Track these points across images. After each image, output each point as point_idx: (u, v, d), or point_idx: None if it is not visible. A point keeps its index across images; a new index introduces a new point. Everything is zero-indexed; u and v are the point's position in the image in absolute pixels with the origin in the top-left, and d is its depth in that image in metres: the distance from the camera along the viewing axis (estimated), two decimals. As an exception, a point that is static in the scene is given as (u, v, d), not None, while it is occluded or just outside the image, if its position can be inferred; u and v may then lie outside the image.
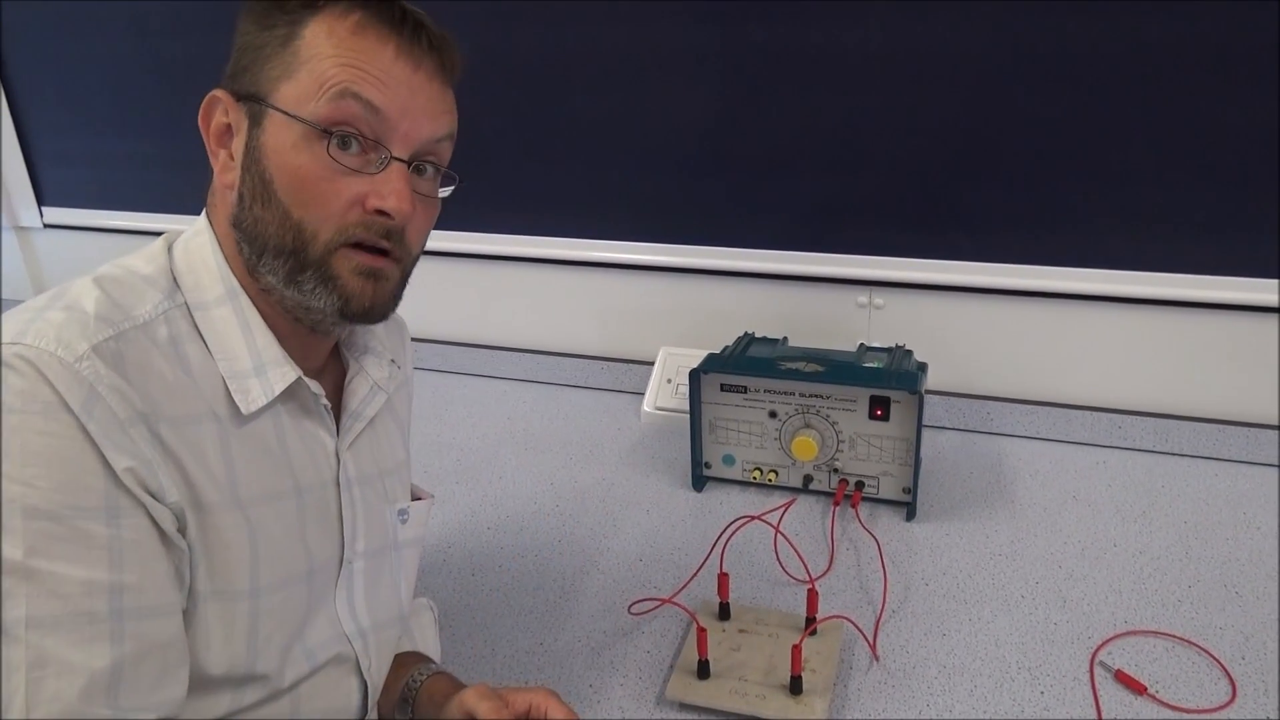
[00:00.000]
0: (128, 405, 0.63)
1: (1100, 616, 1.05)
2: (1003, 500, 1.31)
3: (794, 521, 1.27)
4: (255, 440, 0.73)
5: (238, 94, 0.72)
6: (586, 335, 1.78)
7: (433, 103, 0.73)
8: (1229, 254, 1.35)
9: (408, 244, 0.75)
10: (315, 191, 0.69)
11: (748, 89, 1.51)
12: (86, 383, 0.61)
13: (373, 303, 0.74)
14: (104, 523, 0.61)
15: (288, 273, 0.71)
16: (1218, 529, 1.22)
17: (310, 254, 0.70)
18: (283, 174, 0.69)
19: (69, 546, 0.60)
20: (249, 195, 0.71)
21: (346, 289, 0.72)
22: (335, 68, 0.69)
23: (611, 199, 1.67)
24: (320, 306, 0.72)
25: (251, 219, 0.71)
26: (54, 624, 0.59)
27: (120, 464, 0.62)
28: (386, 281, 0.74)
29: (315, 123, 0.68)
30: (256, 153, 0.70)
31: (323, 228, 0.70)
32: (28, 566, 0.59)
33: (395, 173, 0.71)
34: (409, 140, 0.72)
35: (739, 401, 1.32)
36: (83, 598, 0.60)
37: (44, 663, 0.58)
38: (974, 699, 0.94)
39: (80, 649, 0.60)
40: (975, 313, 1.51)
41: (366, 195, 0.70)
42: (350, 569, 0.81)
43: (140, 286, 0.70)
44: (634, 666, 1.01)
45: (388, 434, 0.88)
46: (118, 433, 0.62)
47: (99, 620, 0.61)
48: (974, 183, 1.44)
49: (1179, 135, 1.31)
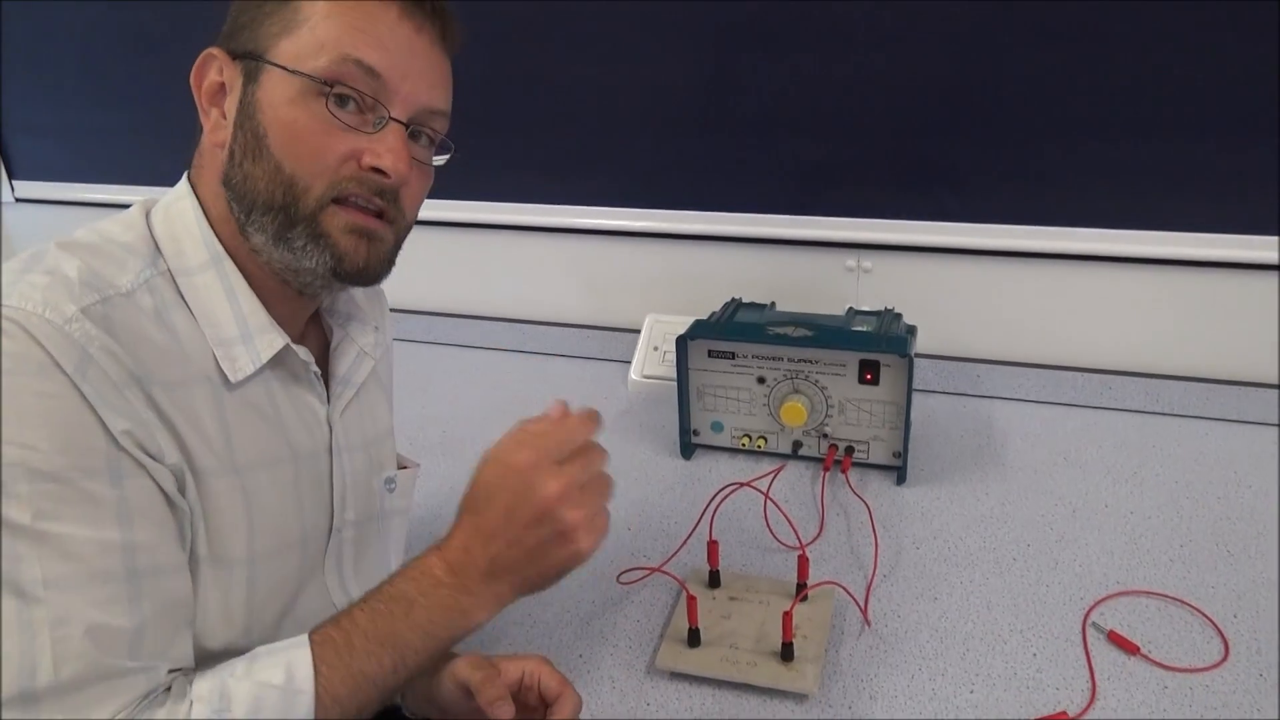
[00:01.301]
0: (121, 367, 0.62)
1: (1092, 577, 1.05)
2: (993, 463, 1.30)
3: (783, 488, 1.26)
4: (249, 406, 0.72)
5: (234, 52, 0.71)
6: (572, 303, 1.76)
7: (432, 69, 0.73)
8: (1218, 211, 1.34)
9: (402, 207, 0.74)
10: (309, 145, 0.68)
11: (734, 51, 1.48)
12: (78, 345, 0.60)
13: (366, 262, 0.72)
14: (108, 483, 0.61)
15: (277, 229, 0.69)
16: (1209, 488, 1.21)
17: (300, 209, 0.69)
18: (277, 127, 0.68)
19: (77, 508, 0.60)
20: (240, 151, 0.70)
21: (338, 247, 0.70)
22: (337, 29, 0.67)
23: (596, 164, 1.64)
24: (312, 267, 0.70)
25: (241, 175, 0.70)
26: (72, 584, 0.59)
27: (118, 426, 0.61)
28: (380, 243, 0.73)
29: (315, 77, 0.67)
30: (251, 108, 0.69)
31: (315, 182, 0.69)
32: (36, 530, 0.58)
33: (393, 133, 0.70)
34: (408, 103, 0.71)
35: (727, 368, 1.31)
36: (97, 557, 0.60)
37: (66, 621, 0.58)
38: (966, 662, 0.93)
39: (101, 608, 0.60)
40: (964, 275, 1.49)
41: (362, 152, 0.69)
42: (339, 538, 0.80)
43: (120, 254, 0.68)
44: (624, 636, 1.00)
45: (373, 402, 0.88)
46: (113, 394, 0.61)
47: (116, 579, 0.61)
48: (962, 143, 1.42)
49: (1167, 94, 1.29)
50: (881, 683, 0.91)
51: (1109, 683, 0.90)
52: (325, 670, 0.64)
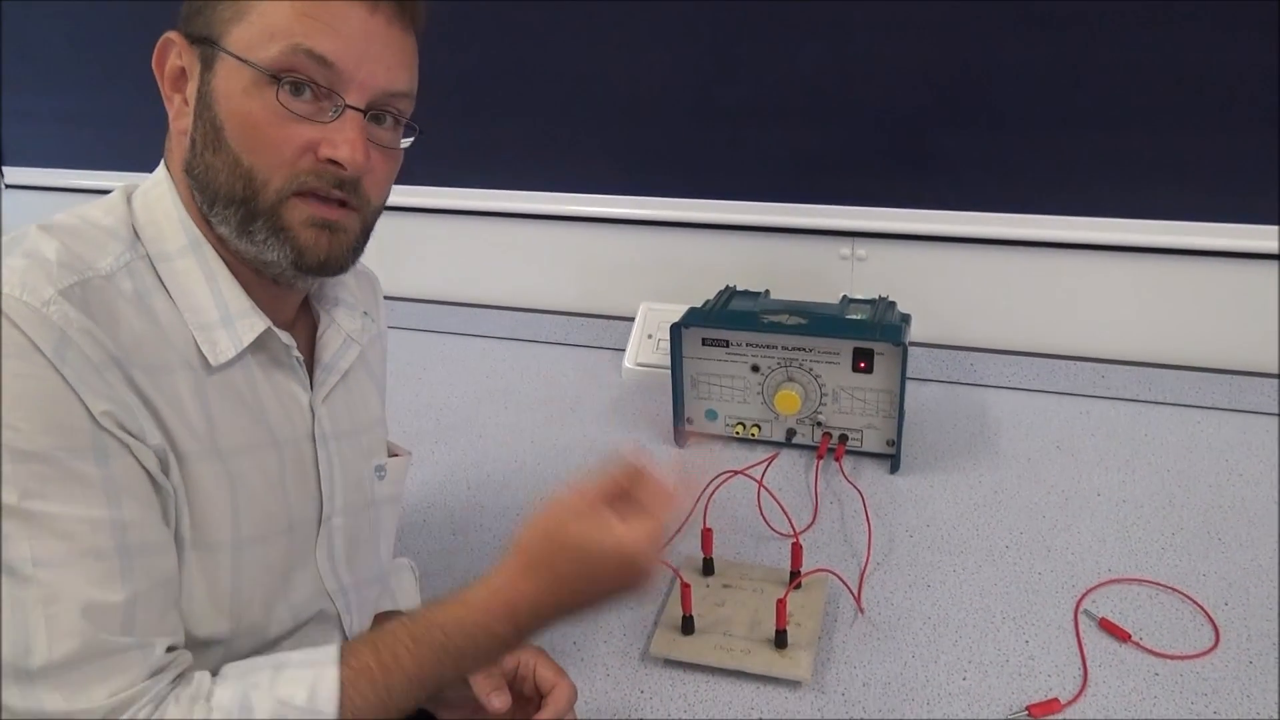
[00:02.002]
0: (100, 349, 0.62)
1: (1084, 565, 1.05)
2: (987, 451, 1.31)
3: (777, 476, 1.26)
4: (230, 391, 0.71)
5: (191, 36, 0.69)
6: (566, 291, 1.76)
7: (390, 50, 0.70)
8: (1212, 200, 1.34)
9: (364, 195, 0.72)
10: (265, 138, 0.67)
11: (728, 39, 1.47)
12: (56, 327, 0.60)
13: (328, 255, 0.71)
14: (94, 462, 0.61)
15: (239, 222, 0.69)
16: (1201, 476, 1.22)
17: (260, 203, 0.68)
18: (233, 120, 0.67)
19: (64, 486, 0.59)
20: (200, 141, 0.68)
21: (299, 241, 0.69)
22: (286, 15, 0.66)
23: (590, 151, 1.64)
24: (274, 259, 0.70)
25: (203, 166, 0.69)
26: (63, 561, 0.59)
27: (98, 407, 0.61)
28: (343, 234, 0.72)
29: (265, 68, 0.66)
30: (208, 97, 0.68)
31: (273, 175, 0.67)
32: (24, 509, 0.58)
33: (349, 121, 0.68)
34: (365, 89, 0.69)
35: (721, 356, 1.31)
36: (87, 535, 0.60)
37: (58, 599, 0.58)
38: (959, 649, 0.94)
39: (93, 585, 0.59)
40: (959, 263, 1.49)
41: (318, 143, 0.68)
42: (330, 525, 0.80)
43: (100, 238, 0.67)
44: (618, 624, 1.00)
45: (363, 390, 0.87)
46: (93, 376, 0.61)
47: (107, 556, 0.60)
48: (957, 131, 1.41)
49: (1162, 82, 1.29)
50: (875, 670, 0.92)
51: (1100, 670, 0.90)
52: (359, 701, 0.63)
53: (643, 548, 0.66)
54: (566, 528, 0.67)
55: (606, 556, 0.66)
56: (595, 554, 0.66)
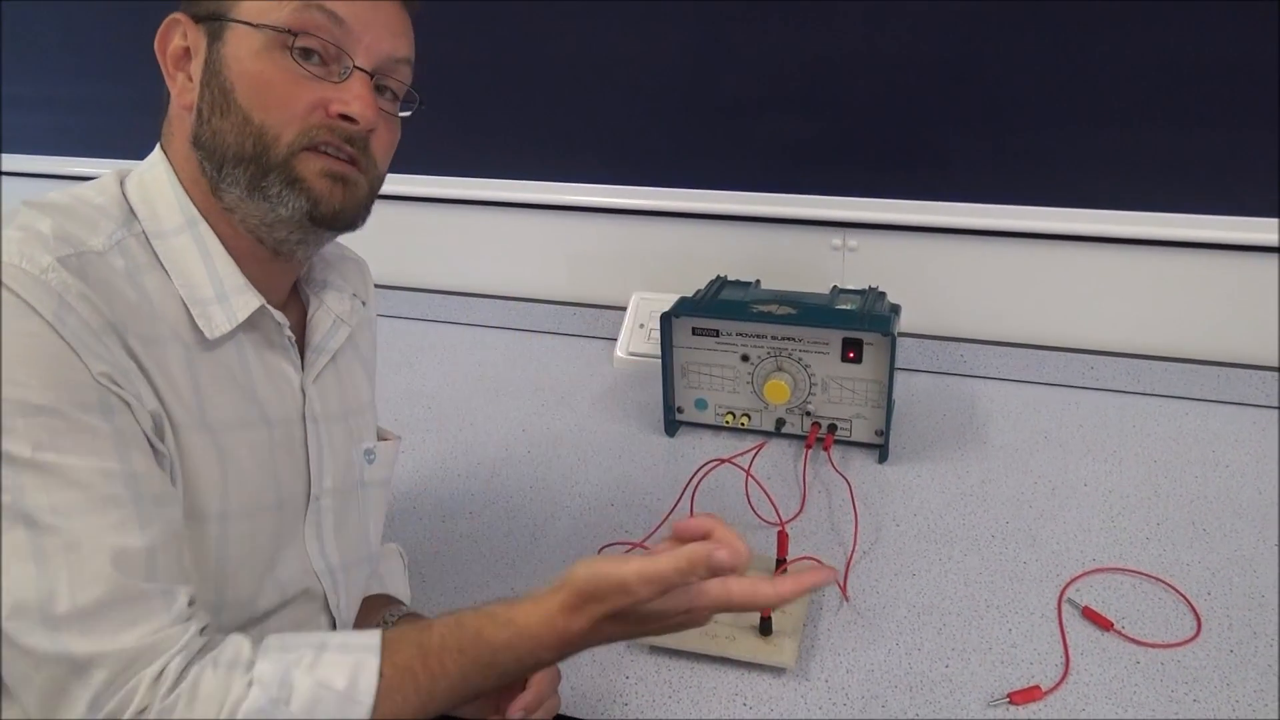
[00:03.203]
0: (98, 314, 0.63)
1: (1069, 555, 1.06)
2: (975, 441, 1.31)
3: (766, 465, 1.27)
4: (222, 368, 0.72)
5: (197, 15, 0.71)
6: (558, 280, 1.76)
7: (393, 18, 0.74)
8: (1202, 192, 1.34)
9: (373, 156, 0.74)
10: (277, 94, 0.69)
11: (720, 28, 1.47)
12: (55, 292, 0.61)
13: (342, 205, 0.73)
14: (100, 416, 0.61)
15: (250, 180, 0.70)
16: (1187, 468, 1.22)
17: (272, 157, 0.69)
18: (243, 80, 0.69)
19: (74, 438, 0.60)
20: (208, 109, 0.70)
21: (314, 190, 0.71)
22: None
23: (581, 141, 1.64)
24: (288, 214, 0.71)
25: (210, 131, 0.70)
26: (81, 510, 0.59)
27: (96, 368, 0.62)
28: (355, 187, 0.74)
29: (279, 26, 0.68)
30: (217, 65, 0.70)
31: (285, 130, 0.69)
32: (38, 461, 0.58)
33: (358, 80, 0.71)
34: (371, 52, 0.72)
35: (711, 345, 1.31)
36: (102, 484, 0.60)
37: (79, 545, 0.59)
38: (942, 637, 0.95)
39: (112, 532, 0.60)
40: (949, 254, 1.50)
41: (329, 101, 0.70)
42: (318, 505, 0.81)
43: (92, 216, 0.68)
44: (605, 610, 1.00)
45: (352, 373, 0.88)
46: (91, 339, 0.62)
47: (124, 504, 0.61)
48: (949, 122, 1.41)
49: (1157, 73, 1.29)
50: (859, 657, 0.92)
51: (1082, 658, 0.91)
52: (399, 700, 0.63)
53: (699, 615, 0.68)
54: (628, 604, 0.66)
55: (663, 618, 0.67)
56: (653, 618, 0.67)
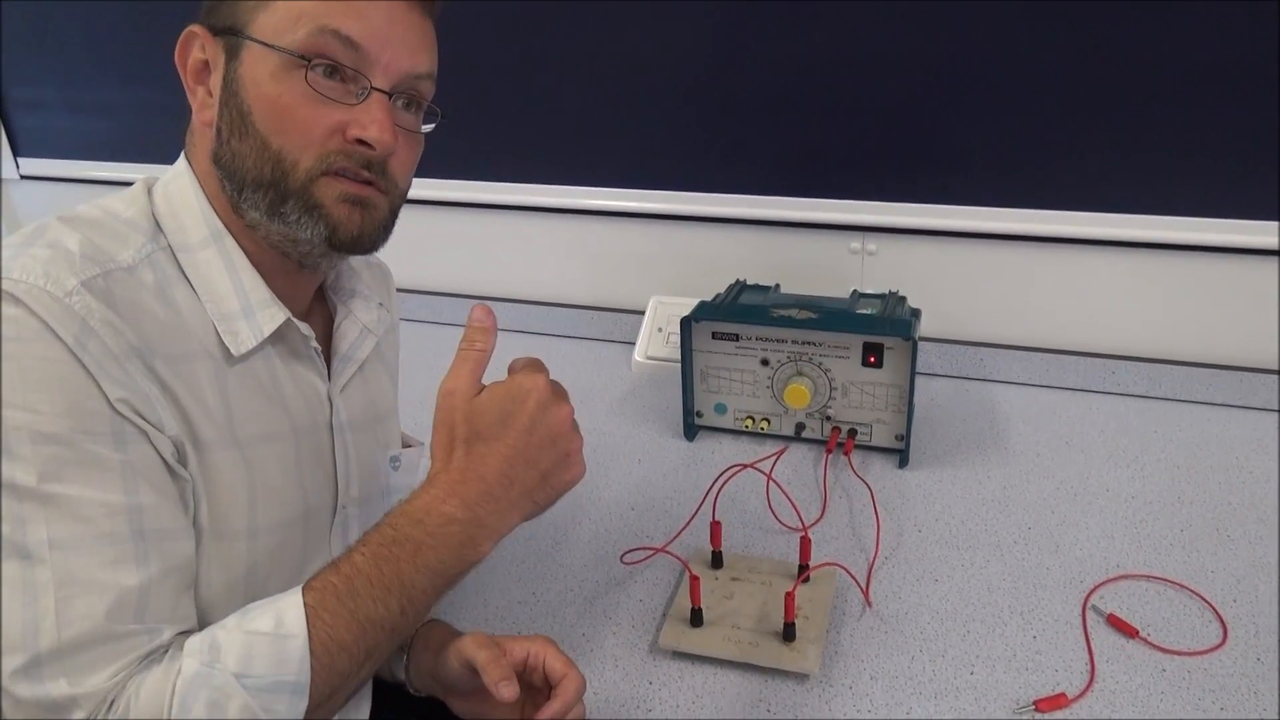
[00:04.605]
0: (121, 339, 0.63)
1: (1093, 561, 1.06)
2: (995, 446, 1.31)
3: (786, 470, 1.26)
4: (250, 380, 0.72)
5: (214, 29, 0.71)
6: (576, 284, 1.76)
7: (412, 33, 0.72)
8: (1221, 196, 1.33)
9: (392, 177, 0.73)
10: (294, 119, 0.68)
11: (736, 32, 1.47)
12: (78, 316, 0.61)
13: (361, 230, 0.72)
14: (112, 447, 0.61)
15: (269, 204, 0.70)
16: (1210, 473, 1.22)
17: (290, 183, 0.69)
18: (261, 104, 0.68)
19: (82, 470, 0.60)
20: (227, 129, 0.70)
21: (332, 216, 0.70)
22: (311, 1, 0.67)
23: (600, 146, 1.64)
24: (307, 237, 0.71)
25: (230, 153, 0.70)
26: (77, 545, 0.59)
27: (115, 394, 0.62)
28: (374, 210, 0.73)
29: (293, 51, 0.67)
30: (234, 85, 0.69)
31: (303, 156, 0.69)
32: (43, 491, 0.59)
33: (376, 103, 0.70)
34: (390, 71, 0.70)
35: (731, 350, 1.31)
36: (104, 519, 0.60)
37: (71, 582, 0.59)
38: (967, 644, 0.94)
39: (107, 569, 0.60)
40: (968, 258, 1.49)
41: (347, 124, 0.69)
42: (345, 515, 0.81)
43: (121, 230, 0.68)
44: (626, 616, 1.00)
45: (378, 380, 0.88)
46: (112, 365, 0.62)
47: (122, 541, 0.61)
48: (967, 126, 1.41)
49: (1175, 75, 1.29)
50: (882, 664, 0.92)
51: (1108, 665, 0.90)
52: (328, 617, 0.63)
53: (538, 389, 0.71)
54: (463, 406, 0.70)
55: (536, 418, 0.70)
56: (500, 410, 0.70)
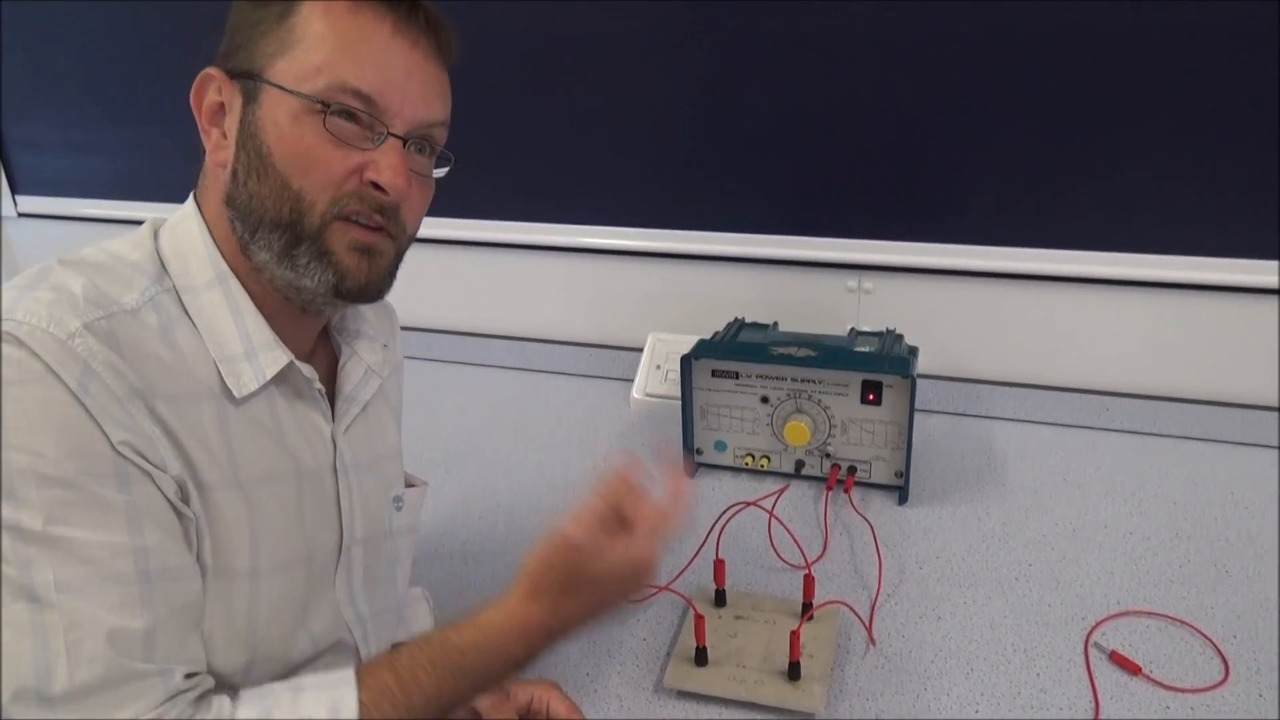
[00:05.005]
0: (123, 382, 0.63)
1: (1094, 598, 1.06)
2: (994, 483, 1.31)
3: (786, 506, 1.27)
4: (253, 422, 0.72)
5: (231, 72, 0.71)
6: (575, 322, 1.77)
7: (428, 83, 0.73)
8: (1215, 236, 1.36)
9: (402, 222, 0.74)
10: (314, 161, 0.69)
11: (734, 72, 1.50)
12: (81, 359, 0.61)
13: (367, 280, 0.73)
14: (116, 488, 0.62)
15: (283, 246, 0.70)
16: (1207, 509, 1.23)
17: (306, 226, 0.70)
18: (281, 145, 0.69)
19: (87, 512, 0.60)
20: (244, 170, 0.70)
21: (341, 265, 0.71)
22: (330, 50, 0.68)
23: (599, 184, 1.66)
24: (313, 285, 0.71)
25: (247, 194, 0.70)
26: (83, 587, 0.60)
27: (117, 436, 0.62)
28: (380, 257, 0.74)
29: (314, 97, 0.68)
30: (253, 127, 0.70)
31: (320, 197, 0.70)
32: (48, 535, 0.59)
33: (391, 148, 0.71)
34: (405, 119, 0.72)
35: (730, 387, 1.32)
36: (109, 561, 0.61)
37: (79, 624, 0.59)
38: (971, 681, 0.94)
39: (114, 610, 0.60)
40: (964, 296, 1.51)
41: (364, 166, 0.70)
42: (349, 556, 0.81)
43: (126, 273, 0.69)
44: (631, 655, 1.00)
45: (381, 420, 0.88)
46: (115, 407, 0.62)
47: (128, 583, 0.61)
48: (962, 165, 1.43)
49: (1166, 117, 1.32)
50: (887, 701, 0.92)
51: (1112, 702, 0.91)
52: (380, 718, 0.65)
53: (646, 564, 0.71)
54: (573, 561, 0.71)
55: (613, 576, 0.71)
56: (603, 578, 0.70)
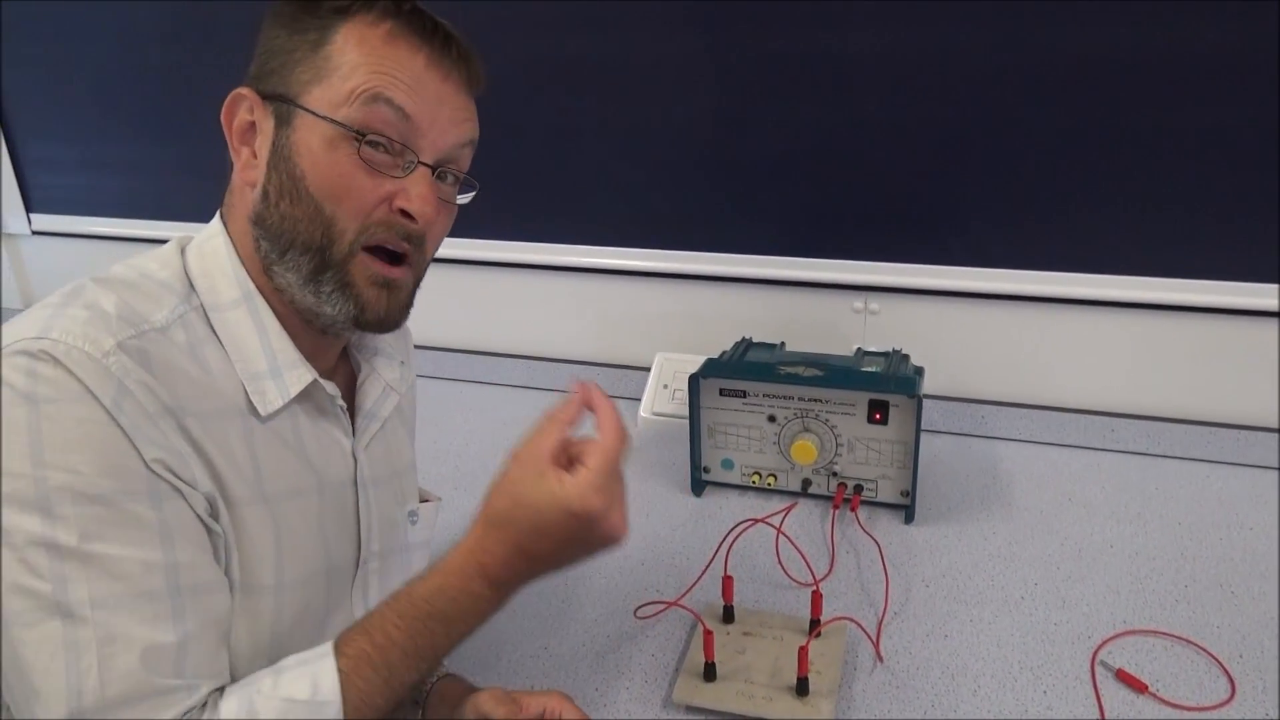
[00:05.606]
0: (155, 400, 0.65)
1: (1100, 616, 1.07)
2: (999, 502, 1.32)
3: (793, 525, 1.28)
4: (278, 438, 0.74)
5: (264, 94, 0.73)
6: (583, 341, 1.79)
7: (458, 113, 0.75)
8: (1219, 258, 1.37)
9: (425, 249, 0.76)
10: (347, 188, 0.71)
11: (743, 94, 1.52)
12: (115, 378, 0.63)
13: (386, 313, 0.75)
14: (149, 505, 0.63)
15: (310, 271, 0.72)
16: (1211, 529, 1.23)
17: (335, 253, 0.72)
18: (315, 171, 0.70)
19: (121, 529, 0.62)
20: (275, 192, 0.72)
21: (362, 298, 0.73)
22: (368, 74, 0.70)
23: (608, 205, 1.68)
24: (333, 313, 0.73)
25: (278, 216, 0.72)
26: (117, 603, 0.61)
27: (150, 454, 0.64)
28: (400, 291, 0.76)
29: (348, 125, 0.70)
30: (286, 150, 0.71)
31: (350, 225, 0.71)
32: (84, 551, 0.60)
33: (421, 177, 0.73)
34: (435, 147, 0.74)
35: (738, 406, 1.33)
36: (143, 577, 0.62)
37: (113, 639, 0.60)
38: (978, 699, 0.95)
39: (146, 626, 0.62)
40: (969, 317, 1.52)
41: (394, 194, 0.72)
42: (366, 569, 0.82)
43: (155, 291, 0.70)
44: (639, 670, 1.01)
45: (397, 436, 0.90)
46: (147, 425, 0.64)
47: (160, 599, 0.63)
48: (968, 188, 1.45)
49: (1173, 140, 1.33)
50: (895, 718, 0.93)
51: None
52: (361, 684, 0.66)
53: (585, 501, 0.67)
54: (518, 487, 0.70)
55: (553, 512, 0.68)
56: (544, 510, 0.68)
